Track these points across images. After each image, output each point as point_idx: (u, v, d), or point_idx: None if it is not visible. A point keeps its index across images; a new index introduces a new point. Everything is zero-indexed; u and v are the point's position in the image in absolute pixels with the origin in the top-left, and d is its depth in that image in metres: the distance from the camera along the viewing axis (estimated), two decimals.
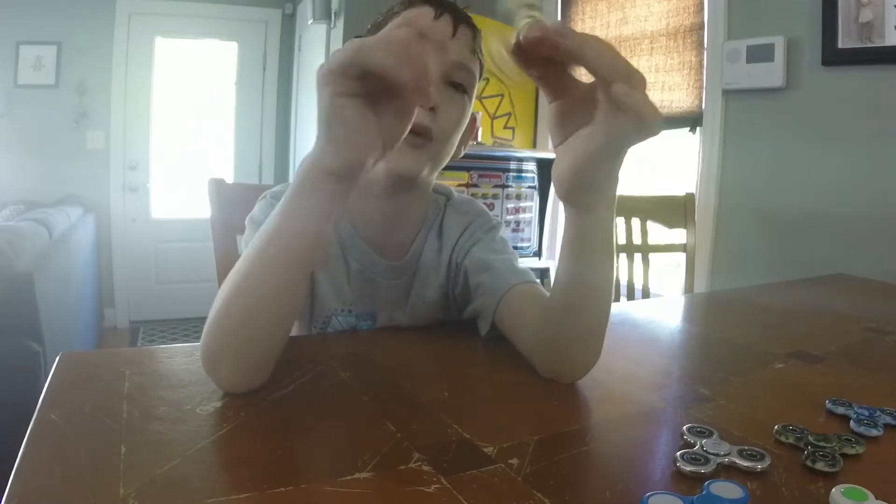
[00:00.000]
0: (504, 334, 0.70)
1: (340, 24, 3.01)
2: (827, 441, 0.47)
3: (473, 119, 0.76)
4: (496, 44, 0.48)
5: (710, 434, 0.48)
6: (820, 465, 0.44)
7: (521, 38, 0.46)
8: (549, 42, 0.44)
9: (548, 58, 0.47)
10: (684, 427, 0.50)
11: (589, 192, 0.51)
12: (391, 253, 0.78)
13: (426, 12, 0.69)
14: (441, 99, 0.68)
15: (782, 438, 0.49)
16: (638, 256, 1.68)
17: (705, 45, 2.08)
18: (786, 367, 0.71)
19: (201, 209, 1.61)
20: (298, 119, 3.81)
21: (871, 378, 0.69)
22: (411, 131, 0.64)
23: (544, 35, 0.44)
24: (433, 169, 0.74)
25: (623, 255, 1.65)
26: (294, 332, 0.77)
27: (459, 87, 0.71)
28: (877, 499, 0.38)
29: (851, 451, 0.47)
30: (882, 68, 1.61)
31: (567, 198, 0.52)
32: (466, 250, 0.78)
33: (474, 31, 0.72)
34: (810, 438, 0.48)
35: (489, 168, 2.48)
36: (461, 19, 0.71)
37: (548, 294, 0.67)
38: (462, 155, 0.79)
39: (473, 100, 0.74)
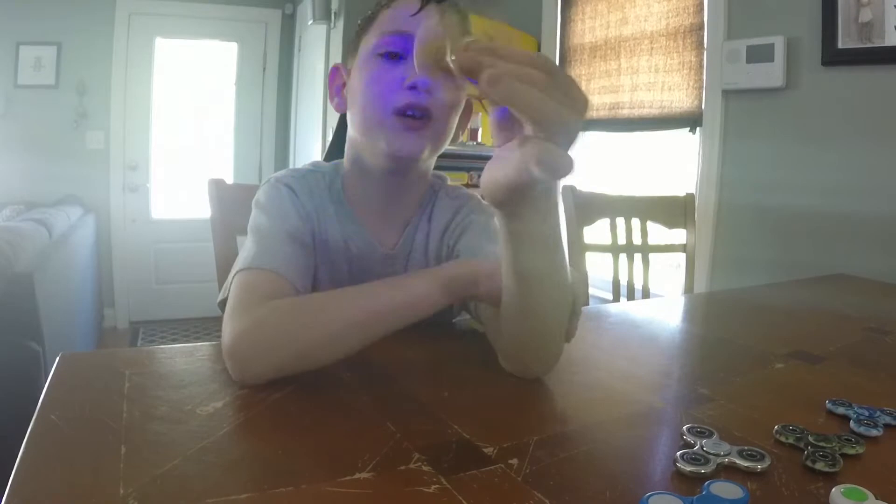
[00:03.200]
0: (480, 328, 0.71)
1: (340, 24, 3.00)
2: (827, 441, 0.47)
3: (469, 103, 0.78)
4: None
5: (710, 434, 0.48)
6: (820, 466, 0.44)
7: (454, 61, 0.43)
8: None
9: None
10: (684, 427, 0.50)
11: (519, 202, 0.48)
12: (386, 239, 0.79)
13: (411, 3, 0.71)
14: (436, 81, 0.68)
15: (782, 438, 0.49)
16: (638, 256, 1.68)
17: (705, 46, 2.08)
18: (786, 367, 0.71)
19: (201, 209, 1.61)
20: (298, 119, 3.81)
21: (871, 378, 0.69)
22: (410, 115, 0.68)
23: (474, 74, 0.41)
24: (433, 151, 0.74)
25: (623, 255, 1.65)
26: None
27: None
28: (877, 499, 0.38)
29: (851, 451, 0.47)
30: (882, 68, 1.61)
31: (496, 203, 0.48)
32: (458, 235, 0.78)
33: (461, 14, 0.69)
34: (810, 438, 0.48)
35: None
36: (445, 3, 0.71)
37: None
38: (459, 140, 0.79)
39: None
